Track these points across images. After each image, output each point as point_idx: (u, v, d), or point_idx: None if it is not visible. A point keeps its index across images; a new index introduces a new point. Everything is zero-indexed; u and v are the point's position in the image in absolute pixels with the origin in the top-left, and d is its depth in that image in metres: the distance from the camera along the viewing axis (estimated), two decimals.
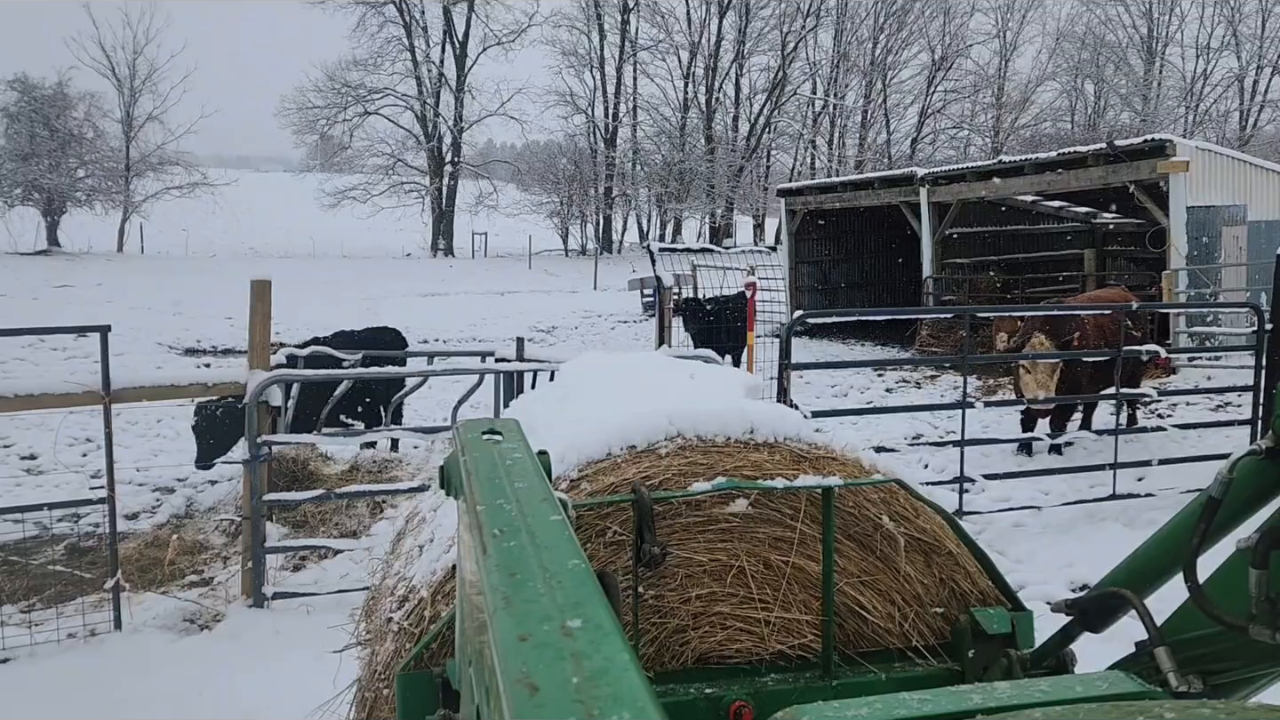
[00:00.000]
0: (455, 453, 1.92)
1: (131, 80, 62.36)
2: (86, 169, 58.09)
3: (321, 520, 9.06)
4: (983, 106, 71.12)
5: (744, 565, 3.09)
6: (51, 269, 42.24)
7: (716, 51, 67.64)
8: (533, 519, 1.41)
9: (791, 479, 3.10)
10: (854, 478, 3.19)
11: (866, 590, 3.17)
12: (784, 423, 3.28)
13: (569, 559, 1.24)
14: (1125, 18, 67.47)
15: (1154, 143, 20.06)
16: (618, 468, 3.07)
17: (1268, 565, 2.26)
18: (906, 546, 3.19)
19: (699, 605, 3.07)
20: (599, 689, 0.88)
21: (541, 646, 0.97)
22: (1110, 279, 24.49)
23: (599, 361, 4.39)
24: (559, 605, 1.08)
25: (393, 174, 67.39)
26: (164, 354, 22.17)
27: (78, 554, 8.43)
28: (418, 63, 65.95)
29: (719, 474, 3.08)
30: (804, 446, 3.24)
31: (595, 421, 3.26)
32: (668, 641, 3.05)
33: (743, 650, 3.12)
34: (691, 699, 3.00)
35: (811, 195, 30.00)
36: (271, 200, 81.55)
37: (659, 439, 3.16)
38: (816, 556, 3.14)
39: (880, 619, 3.19)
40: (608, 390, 3.66)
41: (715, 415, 3.23)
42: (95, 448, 12.06)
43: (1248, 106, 65.82)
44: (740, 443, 3.19)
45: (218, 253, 57.34)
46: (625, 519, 2.97)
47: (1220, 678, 2.47)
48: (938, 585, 3.24)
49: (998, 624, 3.14)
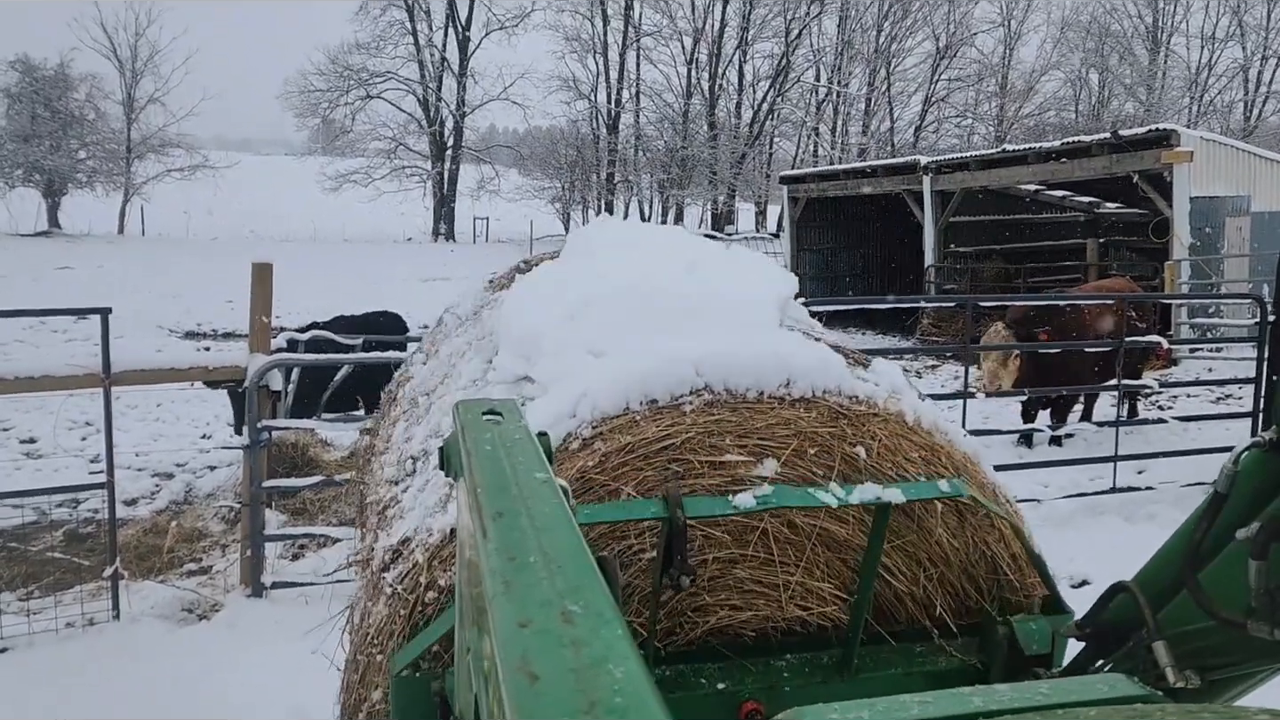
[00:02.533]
0: (455, 433, 1.90)
1: (133, 62, 62.30)
2: (87, 150, 58.02)
3: (321, 508, 9.06)
4: (986, 95, 71.00)
5: (767, 527, 2.92)
6: (52, 250, 42.22)
7: (720, 38, 67.43)
8: (532, 502, 1.38)
9: (829, 437, 2.89)
10: (897, 435, 2.98)
11: (894, 552, 2.99)
12: (825, 374, 2.99)
13: (569, 543, 1.22)
14: (1130, 7, 67.34)
15: (1158, 132, 20.03)
16: (636, 425, 2.81)
17: (1267, 556, 2.23)
18: (944, 510, 3.02)
19: (716, 569, 2.91)
20: (599, 677, 0.87)
21: (541, 633, 0.96)
22: (1112, 269, 24.46)
23: (616, 238, 3.98)
24: (559, 590, 1.07)
25: (394, 158, 67.28)
26: (164, 337, 22.15)
27: (76, 540, 8.42)
28: (420, 47, 65.79)
29: (749, 433, 2.85)
30: (844, 401, 2.97)
31: (613, 362, 2.95)
32: (681, 608, 2.92)
33: (759, 618, 2.97)
34: (703, 694, 2.87)
35: (814, 182, 29.98)
36: (273, 184, 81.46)
37: (684, 392, 2.87)
38: (846, 518, 2.96)
39: (904, 583, 3.04)
40: (627, 301, 3.23)
41: (749, 366, 2.92)
42: (95, 431, 12.05)
43: (1252, 97, 65.69)
44: (775, 398, 2.92)
45: (219, 235, 57.27)
46: (641, 481, 2.76)
47: (1218, 673, 2.45)
48: (969, 546, 3.07)
49: (1037, 643, 2.94)
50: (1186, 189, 19.64)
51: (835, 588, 3.02)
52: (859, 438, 2.94)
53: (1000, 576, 3.10)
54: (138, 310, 24.43)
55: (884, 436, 2.97)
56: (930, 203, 25.09)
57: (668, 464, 2.79)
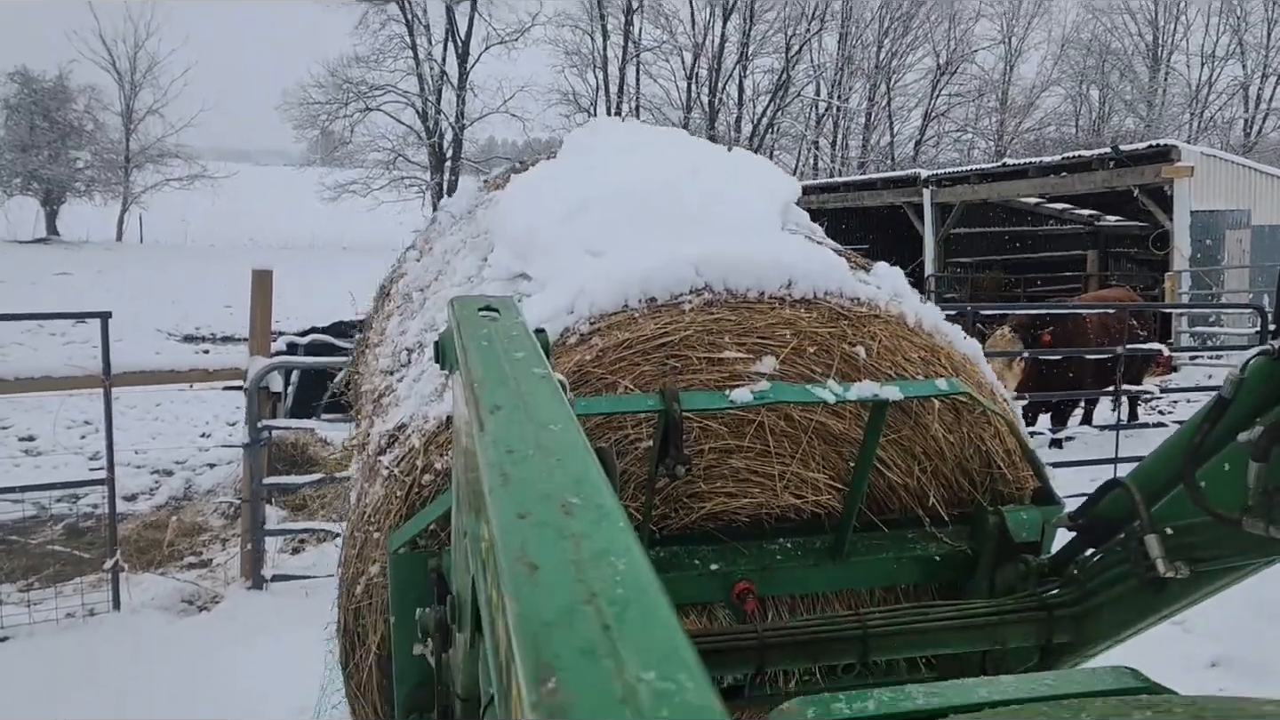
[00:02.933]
0: (451, 328, 1.88)
1: (132, 74, 62.25)
2: (86, 160, 58.01)
3: (320, 504, 9.03)
4: (987, 111, 71.13)
5: (764, 420, 2.93)
6: (51, 257, 42.17)
7: (720, 53, 67.58)
8: (530, 396, 1.37)
9: (829, 337, 2.90)
10: (898, 336, 2.99)
11: (889, 445, 3.03)
12: (827, 276, 2.96)
13: (568, 437, 1.20)
14: (1130, 25, 67.52)
15: (1158, 148, 20.09)
16: (634, 322, 2.79)
17: (1268, 459, 2.28)
18: (941, 407, 3.05)
19: (713, 458, 2.93)
20: (600, 569, 0.85)
21: (541, 525, 0.94)
22: (1113, 280, 24.51)
23: (615, 139, 3.94)
24: (558, 483, 1.05)
25: (393, 169, 67.31)
26: (163, 340, 22.16)
27: (76, 534, 8.41)
28: (419, 60, 65.84)
29: (748, 332, 2.85)
30: (845, 303, 2.96)
31: (611, 261, 2.91)
32: (676, 494, 2.94)
33: (753, 505, 3.00)
34: (696, 575, 2.91)
35: (815, 195, 30.00)
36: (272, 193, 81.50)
37: (683, 291, 2.85)
38: (843, 414, 2.98)
39: (898, 474, 3.07)
40: (627, 199, 3.21)
41: (749, 266, 2.89)
42: (94, 430, 12.04)
43: (1252, 114, 65.83)
44: (775, 298, 2.90)
45: (217, 243, 57.25)
46: (639, 375, 2.77)
47: (1207, 565, 2.50)
48: (964, 441, 3.09)
49: (1027, 531, 3.00)
50: (1187, 203, 19.71)
51: (830, 478, 3.04)
52: (859, 338, 2.96)
53: (994, 470, 3.13)
54: (136, 314, 24.41)
55: (884, 337, 2.98)
56: (930, 215, 25.12)
57: (665, 360, 2.80)
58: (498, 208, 3.59)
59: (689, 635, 0.77)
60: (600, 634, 0.77)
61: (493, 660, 1.04)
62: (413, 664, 2.60)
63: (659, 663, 0.73)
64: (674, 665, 0.73)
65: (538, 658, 0.74)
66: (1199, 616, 6.71)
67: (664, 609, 0.81)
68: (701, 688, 0.70)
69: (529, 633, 0.78)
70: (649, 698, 0.69)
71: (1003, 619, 2.76)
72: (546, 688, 0.71)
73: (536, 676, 0.72)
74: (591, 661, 0.73)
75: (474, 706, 1.81)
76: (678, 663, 0.73)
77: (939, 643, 2.78)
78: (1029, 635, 2.79)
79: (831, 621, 2.73)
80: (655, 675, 0.72)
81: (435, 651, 2.12)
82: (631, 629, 0.77)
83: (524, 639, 0.77)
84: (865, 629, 2.68)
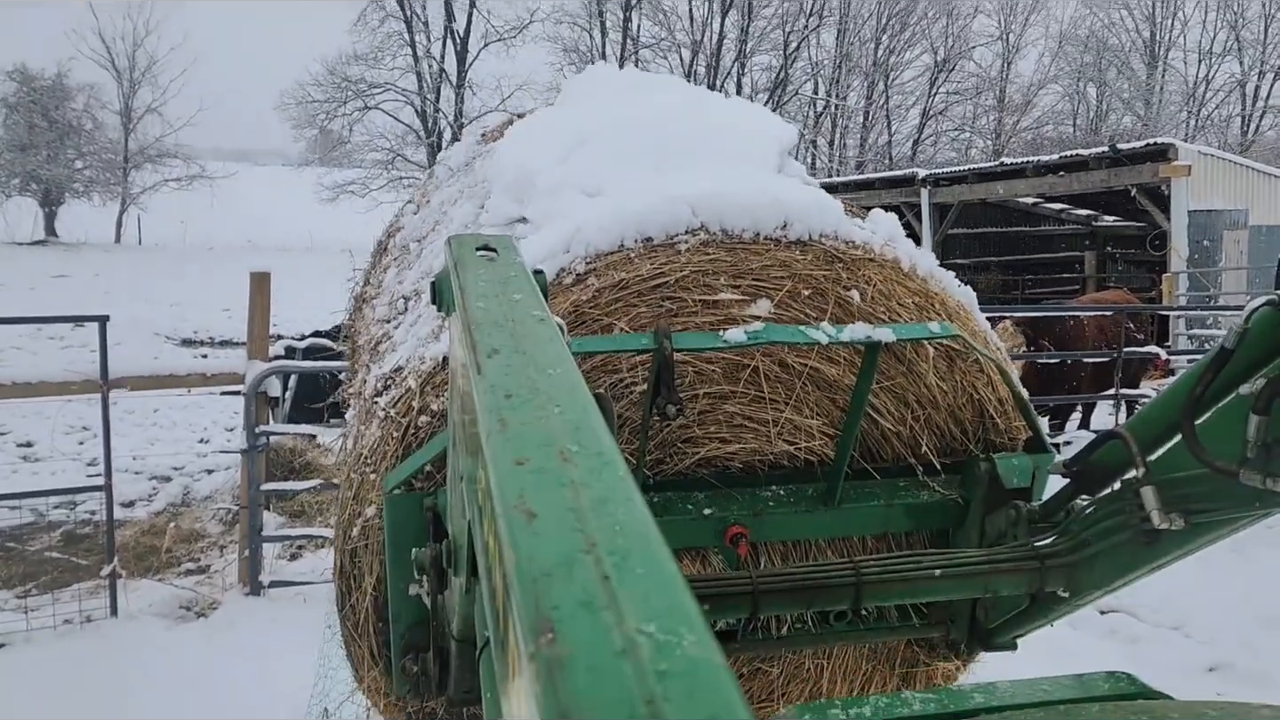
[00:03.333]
0: (447, 268, 1.86)
1: (131, 72, 62.21)
2: (85, 160, 57.93)
3: (318, 510, 9.03)
4: (985, 109, 71.07)
5: (758, 365, 2.95)
6: (49, 259, 42.13)
7: (718, 50, 67.55)
8: (529, 340, 1.34)
9: (824, 280, 2.90)
10: (892, 281, 3.00)
11: (882, 393, 3.04)
12: (822, 217, 2.96)
13: (567, 382, 1.18)
14: (1128, 22, 67.47)
15: (1156, 146, 20.07)
16: (630, 263, 2.80)
17: (1269, 412, 2.27)
18: (934, 355, 3.06)
19: (707, 404, 2.95)
20: (600, 518, 0.84)
21: (539, 472, 0.93)
22: (1110, 281, 24.50)
23: (614, 85, 3.93)
24: (557, 429, 1.03)
25: (392, 169, 67.21)
26: (161, 344, 22.13)
27: (74, 541, 8.40)
28: (418, 58, 65.76)
29: (743, 274, 2.85)
30: (840, 245, 2.96)
31: (608, 201, 2.91)
32: (671, 439, 2.96)
33: (746, 451, 3.02)
34: (690, 520, 2.92)
35: None
36: (270, 194, 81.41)
37: (679, 232, 2.85)
38: (837, 359, 3.00)
39: (891, 421, 3.09)
40: (624, 140, 3.22)
41: (746, 207, 2.88)
42: (92, 436, 12.03)
43: (1249, 112, 65.79)
44: (771, 239, 2.91)
45: (215, 245, 57.19)
46: (636, 315, 2.77)
47: (1202, 517, 2.49)
48: (956, 390, 3.11)
49: (1018, 477, 3.03)
50: (1184, 203, 19.70)
51: (824, 425, 3.06)
52: (854, 282, 2.95)
53: (986, 419, 3.16)
54: (135, 318, 24.39)
55: (879, 281, 2.98)
56: (928, 215, 25.10)
57: (661, 301, 2.80)
58: (495, 156, 3.58)
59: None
60: (600, 584, 0.76)
61: (489, 607, 1.03)
62: (408, 604, 2.63)
63: (659, 615, 0.72)
64: (675, 617, 0.72)
65: (536, 608, 0.73)
66: (1198, 622, 6.72)
67: (665, 559, 0.80)
68: (703, 641, 0.69)
69: (527, 582, 0.77)
70: (649, 650, 0.68)
71: (995, 567, 2.76)
72: (544, 639, 0.70)
73: (534, 627, 0.72)
74: (590, 613, 0.72)
75: (469, 648, 1.79)
76: (679, 615, 0.72)
77: (931, 590, 2.78)
78: (1021, 584, 2.79)
79: (825, 568, 2.73)
80: (656, 628, 0.71)
81: (431, 593, 2.11)
82: (631, 580, 0.76)
83: (522, 588, 0.76)
84: (859, 575, 2.68)
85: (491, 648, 1.03)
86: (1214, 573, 6.57)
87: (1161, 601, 6.83)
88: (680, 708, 0.63)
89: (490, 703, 1.22)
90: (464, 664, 2.23)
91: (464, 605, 1.71)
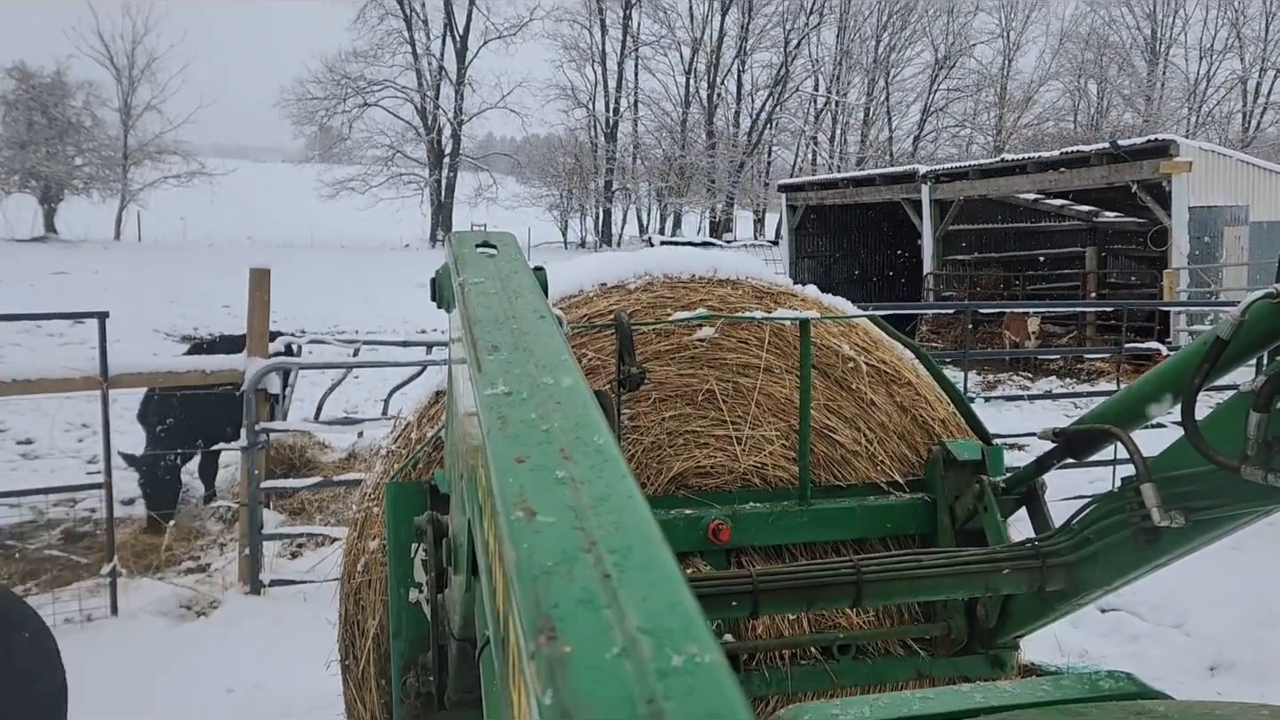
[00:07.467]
0: (447, 265, 1.85)
1: (130, 69, 62.21)
2: (84, 157, 57.92)
3: (319, 508, 9.02)
4: (985, 105, 71.09)
5: (714, 388, 3.32)
6: (48, 256, 42.10)
7: (719, 48, 67.56)
8: (530, 336, 1.34)
9: (756, 308, 3.37)
10: (815, 310, 3.47)
11: (833, 416, 3.41)
12: (746, 264, 3.55)
13: (567, 378, 1.18)
14: (1129, 19, 67.52)
15: (1157, 143, 20.05)
16: (590, 301, 3.29)
17: (1269, 409, 2.28)
18: (868, 376, 3.43)
19: (673, 424, 3.28)
20: (600, 515, 0.84)
21: (539, 470, 0.92)
22: (1112, 277, 24.49)
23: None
24: (557, 427, 1.03)
25: (391, 165, 67.22)
26: (160, 341, 22.10)
27: (73, 539, 8.37)
28: (418, 55, 65.80)
29: (686, 305, 3.32)
30: (765, 283, 3.49)
31: (569, 266, 3.52)
32: (645, 460, 3.23)
33: (717, 467, 3.30)
34: (671, 519, 3.15)
35: (813, 191, 29.98)
36: (270, 190, 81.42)
37: (628, 277, 3.41)
38: (783, 381, 3.37)
39: (848, 441, 3.41)
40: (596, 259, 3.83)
41: (680, 258, 3.51)
42: (91, 433, 12.01)
43: (1250, 108, 65.83)
44: (704, 279, 3.44)
45: (215, 241, 57.17)
46: (601, 346, 3.19)
47: (1203, 514, 2.50)
48: (900, 413, 3.47)
49: (968, 452, 3.34)
50: (1185, 199, 19.67)
51: (785, 446, 3.40)
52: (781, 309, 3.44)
53: (933, 442, 3.51)
54: (134, 315, 24.37)
55: (803, 309, 3.45)
56: (929, 211, 25.08)
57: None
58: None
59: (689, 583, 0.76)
60: (600, 583, 0.75)
61: (489, 606, 1.03)
62: (409, 615, 2.69)
63: (660, 613, 0.72)
64: (675, 616, 0.72)
65: (536, 607, 0.73)
66: (1199, 620, 6.71)
67: (665, 557, 0.79)
68: (703, 640, 0.68)
69: (527, 580, 0.76)
70: (650, 649, 0.68)
71: (996, 566, 2.78)
72: (544, 638, 0.70)
73: (534, 626, 0.71)
74: (591, 612, 0.72)
75: (470, 647, 1.80)
76: (679, 614, 0.72)
77: (932, 589, 2.83)
78: (1022, 582, 2.81)
79: (826, 567, 2.76)
80: (656, 626, 0.70)
81: (430, 585, 2.12)
82: (632, 578, 0.76)
83: (522, 587, 0.76)
84: (860, 574, 2.70)
85: (492, 646, 1.03)
86: (1215, 571, 6.54)
87: (1162, 600, 6.81)
88: (681, 706, 0.62)
89: (491, 702, 1.22)
90: (464, 663, 2.24)
91: (464, 604, 1.71)
